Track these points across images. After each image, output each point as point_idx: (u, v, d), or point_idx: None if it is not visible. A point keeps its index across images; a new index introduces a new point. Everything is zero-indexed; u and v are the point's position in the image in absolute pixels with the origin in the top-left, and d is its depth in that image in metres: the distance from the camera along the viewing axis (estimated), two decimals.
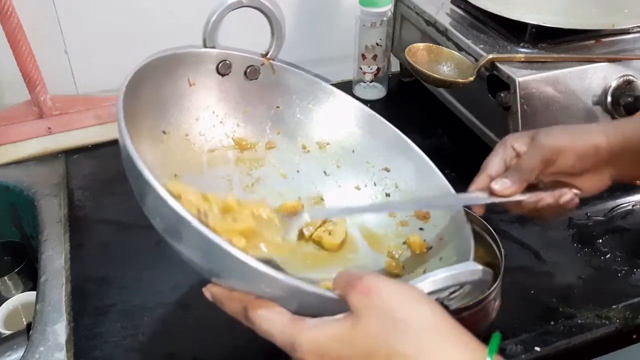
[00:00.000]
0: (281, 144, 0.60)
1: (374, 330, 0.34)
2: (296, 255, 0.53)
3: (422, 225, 0.55)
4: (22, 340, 0.66)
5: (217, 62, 0.56)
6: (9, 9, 0.73)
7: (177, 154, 0.53)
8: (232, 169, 0.58)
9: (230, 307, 0.40)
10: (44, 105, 0.81)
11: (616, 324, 0.58)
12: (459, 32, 0.78)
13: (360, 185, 0.60)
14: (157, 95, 0.52)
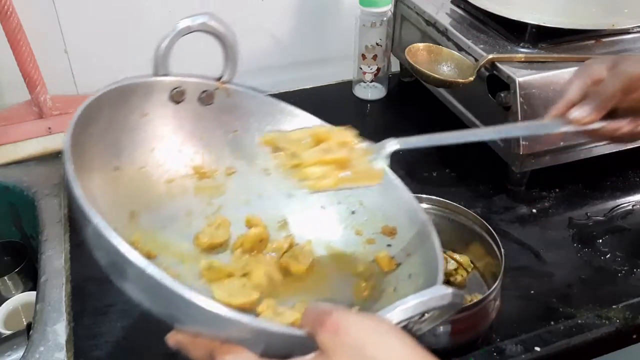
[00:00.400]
0: (241, 169, 0.58)
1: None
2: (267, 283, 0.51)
3: (389, 242, 0.54)
4: (22, 340, 0.66)
5: (170, 90, 0.54)
6: (9, 9, 0.73)
7: (134, 188, 0.51)
8: (192, 198, 0.56)
9: (195, 354, 0.38)
10: (44, 105, 0.81)
11: (616, 324, 0.58)
12: (459, 32, 0.78)
13: (325, 205, 0.58)
14: (109, 129, 0.50)
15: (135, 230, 0.49)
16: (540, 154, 0.71)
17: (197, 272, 0.50)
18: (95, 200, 0.40)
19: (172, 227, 0.53)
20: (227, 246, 0.54)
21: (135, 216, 0.51)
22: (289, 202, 0.58)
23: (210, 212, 0.56)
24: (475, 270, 0.63)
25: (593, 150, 0.73)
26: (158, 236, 0.51)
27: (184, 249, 0.52)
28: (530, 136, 0.52)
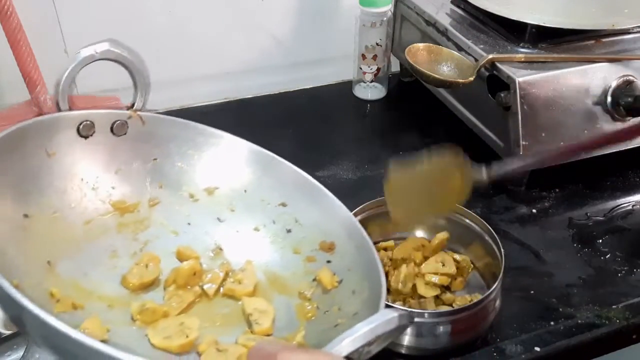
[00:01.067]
0: (165, 199, 0.55)
1: None
2: (206, 317, 0.48)
3: (329, 258, 0.52)
4: (22, 340, 0.66)
5: (77, 124, 0.51)
6: (9, 9, 0.73)
7: (47, 235, 0.47)
8: (115, 237, 0.52)
9: None
10: (44, 105, 0.81)
11: (616, 324, 0.58)
12: (459, 32, 0.78)
13: (259, 226, 0.56)
14: (11, 176, 0.46)
15: (54, 281, 0.45)
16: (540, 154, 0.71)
17: (129, 316, 0.47)
18: (5, 254, 0.38)
19: (95, 271, 0.49)
20: (158, 284, 0.51)
21: (52, 266, 0.46)
22: (220, 228, 0.56)
23: (136, 249, 0.52)
24: (475, 270, 0.63)
25: (593, 150, 0.73)
26: (81, 283, 0.47)
27: (112, 292, 0.48)
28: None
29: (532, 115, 0.69)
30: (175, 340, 0.44)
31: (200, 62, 0.95)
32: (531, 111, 0.68)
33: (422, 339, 0.53)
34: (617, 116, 0.71)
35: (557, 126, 0.70)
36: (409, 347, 0.54)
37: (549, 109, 0.69)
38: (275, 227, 0.56)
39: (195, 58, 0.94)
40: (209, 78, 0.96)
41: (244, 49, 0.96)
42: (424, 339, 0.53)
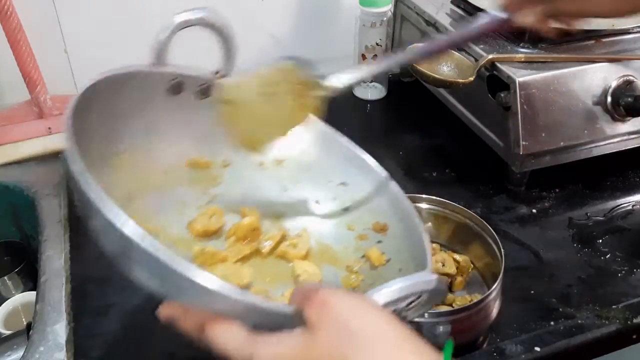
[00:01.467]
0: (237, 162, 0.58)
1: (330, 343, 0.34)
2: (258, 273, 0.52)
3: (380, 238, 0.54)
4: (22, 340, 0.66)
5: (169, 81, 0.54)
6: (9, 9, 0.73)
7: (129, 175, 0.52)
8: (187, 188, 0.56)
9: (185, 325, 0.39)
10: (44, 105, 0.81)
11: (616, 324, 0.58)
12: None
13: (319, 200, 0.58)
14: (108, 116, 0.49)
15: (130, 212, 0.49)
16: (540, 154, 0.71)
17: (189, 258, 0.50)
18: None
19: (165, 214, 0.53)
20: (220, 234, 0.55)
21: (131, 199, 0.51)
22: (282, 196, 0.59)
23: (204, 202, 0.57)
24: (475, 270, 0.63)
25: (593, 150, 0.73)
26: (152, 221, 0.51)
27: (177, 235, 0.53)
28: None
29: (532, 115, 0.69)
30: (230, 281, 0.47)
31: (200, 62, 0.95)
32: (531, 111, 0.68)
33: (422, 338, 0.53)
34: (617, 116, 0.71)
35: (557, 126, 0.70)
36: None
37: (549, 109, 0.69)
38: (334, 204, 0.58)
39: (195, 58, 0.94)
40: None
41: (243, 49, 0.96)
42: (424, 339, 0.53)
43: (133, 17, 0.87)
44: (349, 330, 0.34)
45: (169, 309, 0.40)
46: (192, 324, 0.38)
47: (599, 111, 0.71)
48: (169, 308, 0.40)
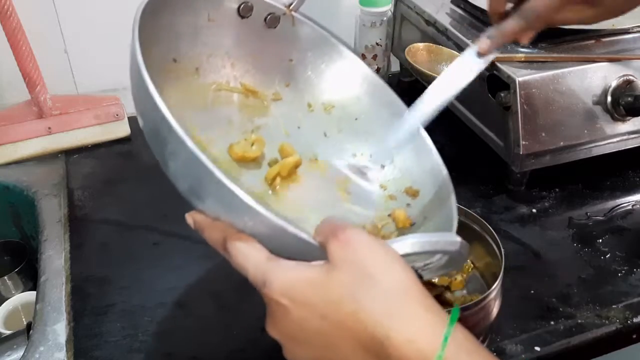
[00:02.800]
0: (287, 98, 0.59)
1: (346, 282, 0.34)
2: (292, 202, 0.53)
3: (409, 202, 0.55)
4: (22, 340, 0.66)
5: (239, 2, 0.54)
6: (9, 9, 0.73)
7: (183, 85, 0.53)
8: (235, 112, 0.57)
9: (210, 235, 0.39)
10: (44, 105, 0.81)
11: (616, 324, 0.58)
12: (459, 32, 0.78)
13: (357, 153, 0.59)
14: (174, 23, 0.50)
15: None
16: (540, 154, 0.71)
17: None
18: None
19: (209, 131, 0.53)
20: (259, 163, 0.55)
21: (179, 109, 0.50)
22: (323, 141, 0.59)
23: (248, 129, 0.57)
24: (475, 270, 0.63)
25: (593, 150, 0.73)
26: (196, 134, 0.52)
27: (218, 154, 0.53)
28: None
29: (532, 115, 0.69)
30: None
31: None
32: (531, 111, 0.68)
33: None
34: (617, 116, 0.71)
35: (557, 126, 0.70)
36: None
37: (549, 108, 0.69)
38: (372, 160, 0.58)
39: None
40: None
41: None
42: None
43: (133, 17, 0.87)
44: (367, 275, 0.34)
45: (198, 217, 0.40)
46: (216, 236, 0.39)
47: (599, 111, 0.71)
48: (198, 216, 0.40)
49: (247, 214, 0.36)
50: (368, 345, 0.33)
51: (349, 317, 0.34)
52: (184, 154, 0.36)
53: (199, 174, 0.36)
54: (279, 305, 0.35)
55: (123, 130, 0.86)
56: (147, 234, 0.70)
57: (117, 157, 0.84)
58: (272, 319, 0.37)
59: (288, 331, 0.36)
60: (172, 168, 0.40)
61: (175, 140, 0.36)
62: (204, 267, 0.65)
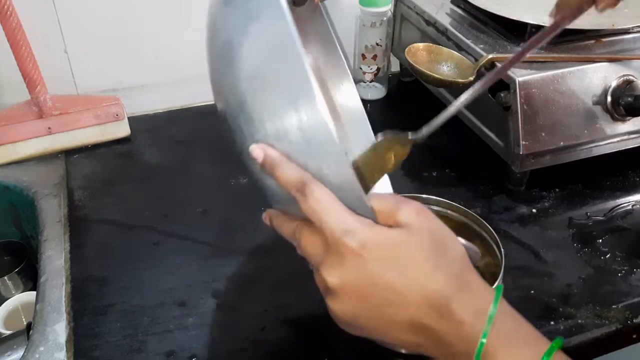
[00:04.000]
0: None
1: (426, 245, 0.37)
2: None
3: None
4: (22, 340, 0.66)
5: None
6: (9, 9, 0.73)
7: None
8: None
9: (285, 172, 0.38)
10: (44, 105, 0.81)
11: (616, 324, 0.58)
12: (459, 32, 0.78)
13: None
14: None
15: None
16: (540, 154, 0.71)
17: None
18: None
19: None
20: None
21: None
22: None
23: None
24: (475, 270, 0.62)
25: (593, 150, 0.73)
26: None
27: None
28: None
29: (532, 115, 0.69)
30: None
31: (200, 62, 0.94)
32: (531, 111, 0.68)
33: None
34: (617, 116, 0.71)
35: (557, 126, 0.70)
36: None
37: (549, 109, 0.69)
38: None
39: (195, 58, 0.94)
40: (209, 78, 0.96)
41: None
42: None
43: (133, 18, 0.87)
44: (442, 242, 0.38)
45: (272, 152, 0.40)
46: (296, 176, 0.38)
47: (599, 111, 0.71)
48: (272, 151, 0.40)
49: (330, 159, 0.36)
50: (435, 302, 0.36)
51: (426, 276, 0.36)
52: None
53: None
54: (356, 256, 0.36)
55: (123, 130, 0.86)
56: (147, 234, 0.70)
57: (117, 157, 0.84)
58: (341, 269, 0.37)
59: (354, 283, 0.37)
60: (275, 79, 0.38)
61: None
62: (204, 267, 0.65)
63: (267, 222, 0.44)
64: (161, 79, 0.94)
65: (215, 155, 0.83)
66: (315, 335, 0.58)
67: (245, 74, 0.38)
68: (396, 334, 0.38)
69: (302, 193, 0.37)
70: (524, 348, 0.37)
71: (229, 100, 0.41)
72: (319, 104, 0.35)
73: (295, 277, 0.64)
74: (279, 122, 0.37)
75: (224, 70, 0.41)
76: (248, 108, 0.39)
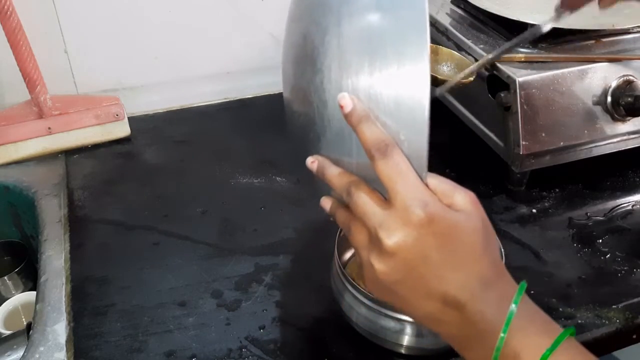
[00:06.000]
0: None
1: (479, 231, 0.39)
2: None
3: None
4: (22, 340, 0.66)
5: None
6: (9, 9, 0.73)
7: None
8: None
9: (373, 129, 0.38)
10: (44, 105, 0.81)
11: (616, 324, 0.58)
12: (459, 32, 0.78)
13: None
14: None
15: None
16: (540, 154, 0.71)
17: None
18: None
19: None
20: None
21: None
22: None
23: None
24: None
25: (593, 150, 0.73)
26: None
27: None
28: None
29: (532, 115, 0.69)
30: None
31: (200, 62, 0.95)
32: (531, 111, 0.68)
33: (422, 339, 0.53)
34: (617, 116, 0.71)
35: (557, 126, 0.70)
36: (409, 347, 0.54)
37: (549, 109, 0.69)
38: None
39: (195, 58, 0.94)
40: (209, 78, 0.96)
41: (244, 49, 0.96)
42: (424, 339, 0.53)
43: (133, 18, 0.87)
44: (489, 229, 0.40)
45: (323, 162, 0.42)
46: (379, 136, 0.38)
47: (599, 111, 0.71)
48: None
49: (413, 127, 0.36)
50: (474, 283, 0.38)
51: (475, 259, 0.39)
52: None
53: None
54: (422, 226, 0.37)
55: (123, 130, 0.86)
56: (147, 234, 0.70)
57: (117, 157, 0.84)
58: (403, 233, 0.37)
59: (410, 249, 0.38)
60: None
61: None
62: (204, 267, 0.65)
63: (313, 167, 0.43)
64: (161, 79, 0.94)
65: (215, 155, 0.83)
66: (315, 335, 0.58)
67: (360, 14, 0.37)
68: (425, 306, 0.39)
69: (382, 153, 0.38)
70: (539, 334, 0.38)
71: (325, 37, 0.39)
72: (425, 70, 0.34)
73: (295, 277, 0.64)
74: (377, 73, 0.37)
75: (332, 1, 0.39)
76: (350, 51, 0.37)
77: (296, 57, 0.43)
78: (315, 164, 0.43)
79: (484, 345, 0.38)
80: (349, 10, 0.38)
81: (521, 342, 0.37)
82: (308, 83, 0.41)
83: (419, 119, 0.35)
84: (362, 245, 0.40)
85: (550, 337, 0.37)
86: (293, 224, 0.71)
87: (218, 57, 0.95)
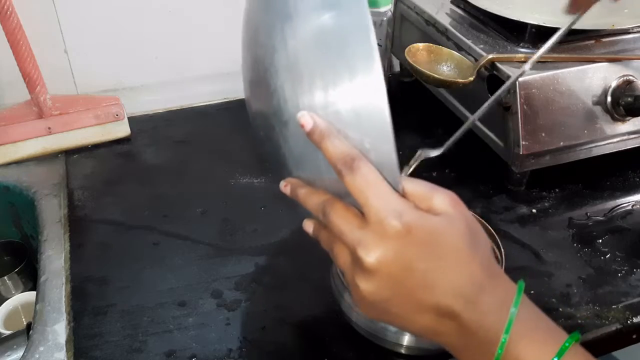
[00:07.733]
0: None
1: (464, 233, 0.37)
2: None
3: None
4: (22, 340, 0.66)
5: None
6: (9, 9, 0.73)
7: None
8: None
9: (337, 145, 0.37)
10: (44, 105, 0.81)
11: (616, 324, 0.58)
12: (459, 32, 0.78)
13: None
14: None
15: None
16: (540, 154, 0.71)
17: None
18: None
19: None
20: None
21: None
22: None
23: None
24: None
25: (593, 150, 0.73)
26: None
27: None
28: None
29: (532, 115, 0.69)
30: None
31: (200, 62, 0.95)
32: (531, 111, 0.68)
33: (422, 339, 0.53)
34: (617, 116, 0.71)
35: (557, 126, 0.70)
36: (409, 347, 0.54)
37: (549, 109, 0.69)
38: None
39: (195, 58, 0.94)
40: (209, 78, 0.96)
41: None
42: (424, 339, 0.53)
43: (133, 17, 0.87)
44: (475, 231, 0.38)
45: (296, 183, 0.42)
46: (346, 151, 0.37)
47: (599, 111, 0.71)
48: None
49: (376, 134, 0.35)
50: (466, 290, 0.37)
51: (463, 264, 0.37)
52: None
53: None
54: (400, 238, 0.36)
55: (123, 130, 0.86)
56: (147, 234, 0.70)
57: (117, 157, 0.84)
58: (382, 249, 0.36)
59: (393, 264, 0.36)
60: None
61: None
62: (204, 267, 0.65)
63: (287, 191, 0.42)
64: (161, 79, 0.94)
65: (215, 155, 0.83)
66: (315, 335, 0.58)
67: (304, 29, 0.37)
68: (420, 320, 0.38)
69: (349, 168, 0.36)
70: (543, 341, 0.37)
71: (274, 57, 0.38)
72: (378, 75, 0.34)
73: (295, 277, 0.64)
74: (330, 87, 0.36)
75: (274, 21, 0.38)
76: (299, 68, 0.37)
77: (251, 82, 0.43)
78: (288, 188, 0.42)
79: (486, 353, 0.37)
80: (292, 27, 0.37)
81: (524, 350, 0.36)
82: (267, 106, 0.40)
83: (381, 125, 0.35)
84: (345, 266, 0.39)
85: (555, 345, 0.36)
86: (293, 224, 0.71)
87: (218, 57, 0.95)
